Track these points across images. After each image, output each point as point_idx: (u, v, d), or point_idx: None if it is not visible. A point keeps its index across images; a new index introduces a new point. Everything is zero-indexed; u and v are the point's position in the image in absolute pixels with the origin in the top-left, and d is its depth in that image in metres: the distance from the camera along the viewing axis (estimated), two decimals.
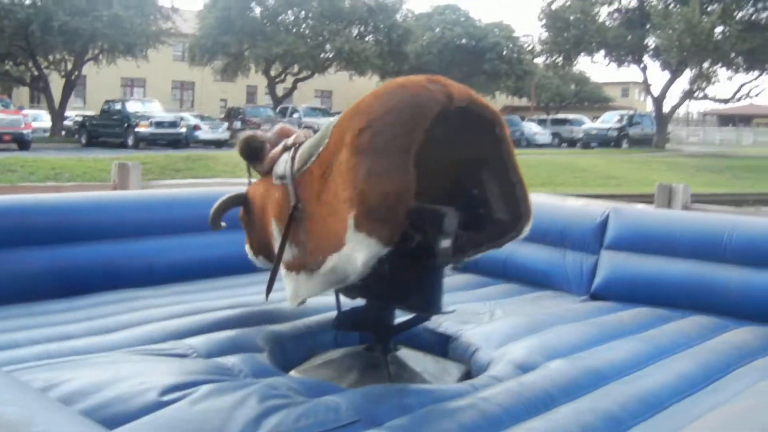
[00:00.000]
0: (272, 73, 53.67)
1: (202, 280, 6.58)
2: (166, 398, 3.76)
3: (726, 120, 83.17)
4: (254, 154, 5.41)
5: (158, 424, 3.54)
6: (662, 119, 53.09)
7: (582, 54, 53.08)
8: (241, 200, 5.48)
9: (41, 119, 43.53)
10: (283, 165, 4.86)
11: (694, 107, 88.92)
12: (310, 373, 4.72)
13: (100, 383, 3.86)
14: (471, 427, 3.68)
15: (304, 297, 4.72)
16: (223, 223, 5.54)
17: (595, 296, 6.70)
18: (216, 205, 5.46)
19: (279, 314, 5.31)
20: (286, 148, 5.02)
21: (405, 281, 4.56)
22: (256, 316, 5.42)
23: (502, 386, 4.21)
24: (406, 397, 3.99)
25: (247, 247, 5.63)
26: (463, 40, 60.44)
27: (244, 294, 6.10)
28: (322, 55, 52.77)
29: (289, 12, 52.49)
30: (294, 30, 51.67)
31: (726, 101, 54.89)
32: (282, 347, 5.03)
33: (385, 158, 3.96)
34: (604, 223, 6.88)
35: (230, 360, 4.45)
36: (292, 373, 4.74)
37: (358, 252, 4.02)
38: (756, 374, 4.57)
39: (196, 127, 40.68)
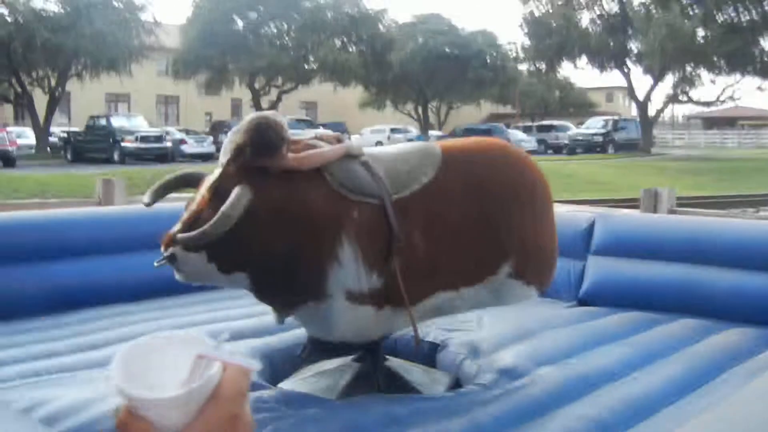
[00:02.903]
0: (256, 85, 53.65)
1: (186, 295, 6.53)
2: None
3: (710, 123, 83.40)
4: (272, 143, 3.74)
5: None
6: (647, 123, 53.24)
7: (565, 60, 53.23)
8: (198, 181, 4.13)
9: (26, 136, 43.41)
10: (361, 179, 4.00)
11: (679, 111, 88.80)
12: (298, 386, 4.70)
13: (88, 400, 3.83)
14: None
15: (379, 335, 4.47)
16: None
17: (582, 302, 6.68)
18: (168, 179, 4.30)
19: (264, 327, 5.26)
20: (350, 155, 4.03)
21: None
22: (242, 329, 5.39)
23: (492, 394, 4.20)
24: (396, 408, 3.98)
25: (185, 254, 3.96)
26: (447, 49, 60.54)
27: (229, 307, 6.08)
28: (305, 67, 52.80)
29: (272, 24, 52.56)
30: (277, 42, 51.74)
31: (709, 104, 55.14)
32: (269, 360, 5.01)
33: (543, 216, 4.52)
34: (590, 229, 6.87)
35: None
36: (281, 386, 4.72)
37: (506, 297, 4.49)
38: (746, 376, 4.57)
39: (182, 142, 40.78)
